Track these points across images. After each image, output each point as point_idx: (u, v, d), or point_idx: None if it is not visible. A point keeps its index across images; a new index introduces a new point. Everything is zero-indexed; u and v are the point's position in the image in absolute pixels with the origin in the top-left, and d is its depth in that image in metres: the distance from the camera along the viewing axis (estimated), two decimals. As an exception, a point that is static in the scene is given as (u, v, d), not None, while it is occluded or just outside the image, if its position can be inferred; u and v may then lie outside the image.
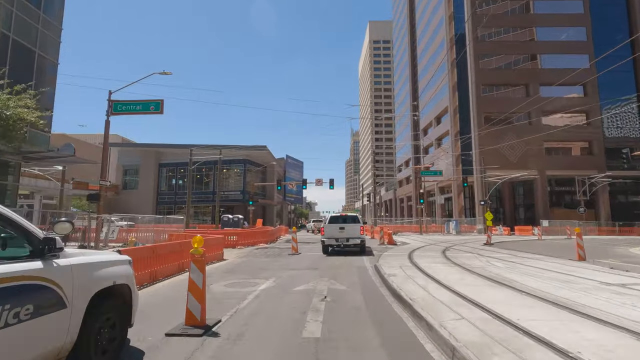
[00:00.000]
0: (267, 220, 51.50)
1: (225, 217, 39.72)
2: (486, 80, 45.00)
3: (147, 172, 49.69)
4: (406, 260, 12.69)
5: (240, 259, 14.04)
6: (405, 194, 79.31)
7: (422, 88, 67.13)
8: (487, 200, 37.18)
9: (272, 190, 52.59)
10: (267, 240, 22.85)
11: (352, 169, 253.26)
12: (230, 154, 46.50)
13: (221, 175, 47.85)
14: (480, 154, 42.40)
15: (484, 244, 21.17)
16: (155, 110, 16.17)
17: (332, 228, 15.11)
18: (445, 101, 52.78)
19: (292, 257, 14.30)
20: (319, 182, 38.99)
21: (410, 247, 18.69)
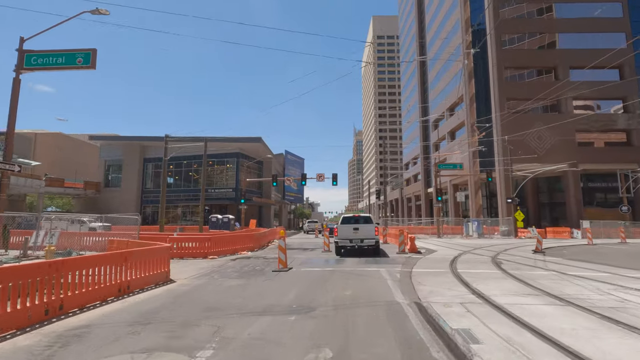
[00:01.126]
0: (263, 221, 46.66)
1: (213, 217, 34.98)
2: (509, 62, 39.92)
3: (131, 168, 44.99)
4: (460, 286, 7.73)
5: (195, 280, 9.14)
6: (413, 192, 74.24)
7: (432, 78, 62.15)
8: (514, 198, 32.15)
9: (269, 188, 47.74)
10: (253, 246, 17.98)
11: (355, 169, 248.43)
12: (222, 147, 41.71)
13: (212, 171, 43.08)
14: (504, 145, 37.33)
15: (533, 251, 16.17)
16: (84, 65, 11.36)
17: (346, 229, 14.67)
18: (460, 90, 47.74)
19: (276, 278, 9.39)
20: (321, 178, 34.11)
21: (442, 257, 13.75)
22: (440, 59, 56.57)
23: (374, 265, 11.69)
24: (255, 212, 46.59)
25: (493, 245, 20.39)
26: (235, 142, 40.69)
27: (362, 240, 14.50)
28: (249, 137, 39.88)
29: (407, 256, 14.40)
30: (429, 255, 14.89)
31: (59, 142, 56.70)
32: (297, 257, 14.85)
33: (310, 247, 19.68)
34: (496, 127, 38.36)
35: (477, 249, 18.12)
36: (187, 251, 14.44)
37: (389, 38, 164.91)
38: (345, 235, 14.68)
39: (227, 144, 41.19)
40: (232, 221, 35.06)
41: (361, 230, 14.60)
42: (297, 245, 21.21)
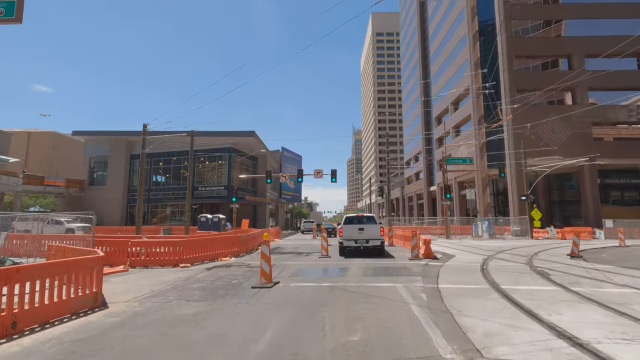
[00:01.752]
0: (258, 220, 44.01)
1: (202, 217, 32.29)
2: (520, 51, 37.35)
3: (117, 165, 42.24)
4: (524, 318, 5.08)
5: (138, 305, 6.48)
6: (414, 191, 71.73)
7: (434, 72, 59.59)
8: (529, 195, 29.57)
9: (264, 186, 45.06)
10: (239, 250, 15.33)
11: (354, 169, 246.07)
12: (213, 142, 39.03)
13: (203, 167, 40.42)
14: (515, 138, 34.78)
15: (570, 256, 13.57)
16: (7, 17, 8.69)
17: (351, 229, 14.37)
18: (466, 82, 45.19)
19: (253, 301, 6.75)
20: (319, 174, 31.49)
21: (467, 265, 11.16)
22: (444, 51, 54.03)
23: (385, 277, 9.06)
24: (249, 211, 43.94)
25: (515, 248, 17.79)
26: (227, 136, 38.01)
27: (368, 240, 14.15)
28: (242, 130, 37.27)
29: (423, 263, 11.78)
30: (449, 261, 12.28)
31: (53, 141, 54.13)
32: (289, 264, 12.22)
33: (305, 251, 17.05)
34: (506, 121, 35.76)
35: (499, 252, 15.52)
36: (155, 258, 11.79)
37: (388, 35, 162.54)
38: (350, 236, 14.29)
39: (218, 138, 38.51)
40: (222, 221, 32.39)
41: (366, 231, 14.24)
42: (291, 249, 18.59)
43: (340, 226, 15.35)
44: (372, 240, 14.17)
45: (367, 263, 12.02)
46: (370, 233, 14.22)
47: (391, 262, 12.23)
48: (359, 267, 11.04)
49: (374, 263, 11.91)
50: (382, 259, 12.82)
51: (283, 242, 25.07)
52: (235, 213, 32.43)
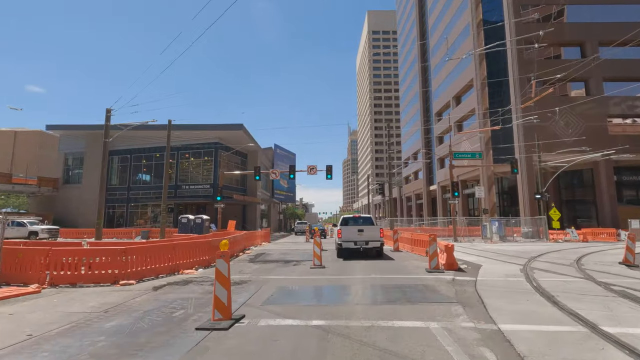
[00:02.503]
0: (248, 221, 40.91)
1: (184, 218, 29.22)
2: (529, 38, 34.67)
3: (94, 162, 38.89)
4: None
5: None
6: (413, 191, 69.06)
7: (434, 65, 56.95)
8: (544, 193, 26.87)
9: (254, 185, 41.99)
10: (210, 259, 12.27)
11: (349, 169, 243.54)
12: (197, 136, 35.91)
13: (187, 164, 37.26)
14: (526, 132, 32.12)
15: (627, 266, 10.73)
16: None
17: (351, 230, 14.06)
18: (469, 74, 42.57)
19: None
20: (312, 170, 28.54)
21: (510, 280, 8.20)
22: (444, 43, 51.41)
23: (407, 305, 6.10)
24: (238, 211, 40.83)
25: (545, 254, 14.93)
26: (213, 129, 34.87)
27: (367, 242, 13.94)
28: (229, 124, 34.11)
29: (448, 279, 8.82)
30: (480, 274, 9.34)
31: (41, 140, 50.62)
32: (270, 279, 9.22)
33: (294, 259, 14.04)
34: (515, 111, 33.12)
35: (532, 260, 12.65)
36: (90, 273, 8.71)
37: (384, 34, 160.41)
38: (350, 237, 14.04)
39: (203, 132, 35.37)
40: (206, 222, 29.31)
41: (366, 232, 14.06)
42: (278, 255, 15.57)
43: (338, 227, 14.85)
44: (372, 242, 13.93)
45: (374, 279, 9.05)
46: (370, 234, 13.99)
47: (406, 277, 9.27)
48: (364, 286, 8.06)
49: (384, 279, 8.95)
50: (394, 274, 9.87)
51: (271, 246, 22.05)
52: (220, 213, 29.32)
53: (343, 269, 11.04)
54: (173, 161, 37.05)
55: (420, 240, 14.88)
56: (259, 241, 22.86)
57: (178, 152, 36.91)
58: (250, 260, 13.55)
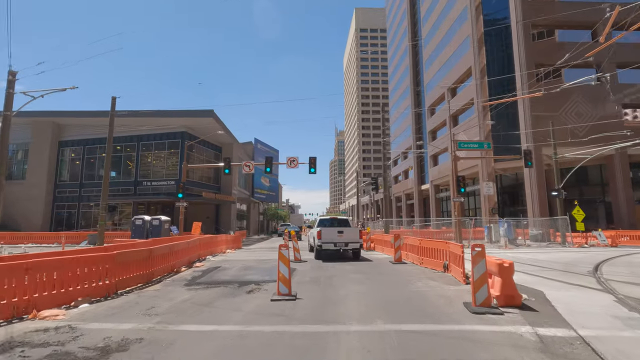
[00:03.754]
0: (222, 223, 36.17)
1: (138, 219, 24.46)
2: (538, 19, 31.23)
3: (40, 155, 33.51)
4: None
5: None
6: (403, 190, 65.43)
7: (427, 56, 53.42)
8: (560, 190, 23.23)
9: (229, 182, 37.31)
10: (107, 287, 7.72)
11: (336, 170, 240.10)
12: (161, 125, 31.06)
13: (148, 157, 32.32)
14: (534, 122, 28.56)
15: None
16: None
17: (330, 232, 14.08)
18: (466, 62, 39.02)
19: None
20: (293, 163, 24.19)
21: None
22: (439, 32, 47.91)
23: None
24: (210, 212, 36.09)
25: (603, 263, 10.93)
26: (178, 116, 30.03)
27: (347, 244, 13.88)
28: (197, 110, 29.37)
29: (526, 336, 4.57)
30: (578, 322, 5.15)
31: None
32: (184, 334, 4.79)
33: (255, 279, 9.58)
34: (523, 101, 29.53)
35: (590, 274, 8.59)
36: None
37: (372, 32, 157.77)
38: (330, 239, 13.87)
39: (167, 120, 30.55)
40: (165, 224, 24.59)
41: (346, 234, 13.98)
42: (236, 272, 11.08)
43: (317, 229, 14.49)
44: (352, 244, 13.95)
45: (384, 335, 4.72)
46: (350, 236, 13.97)
47: (442, 329, 4.97)
48: None
49: (404, 337, 4.63)
50: (416, 319, 5.58)
51: (238, 254, 17.53)
52: (182, 214, 24.60)
53: (325, 303, 6.71)
54: (133, 153, 32.08)
55: (434, 250, 10.72)
56: (222, 248, 18.31)
57: (139, 142, 31.95)
58: (188, 283, 9.07)
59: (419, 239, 11.86)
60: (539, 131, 28.20)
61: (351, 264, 12.42)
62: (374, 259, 14.18)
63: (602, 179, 32.50)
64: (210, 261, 13.98)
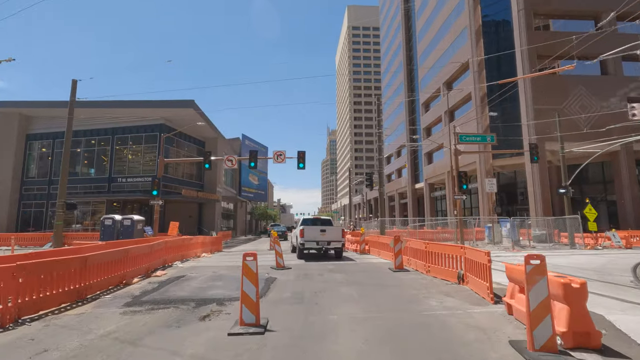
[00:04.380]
0: (205, 223, 33.86)
1: (107, 219, 22.17)
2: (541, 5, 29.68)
3: (5, 148, 30.77)
4: None
5: None
6: (396, 189, 63.78)
7: (422, 50, 51.79)
8: (568, 187, 21.58)
9: (213, 179, 35.04)
10: (14, 309, 5.58)
11: (328, 170, 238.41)
12: (137, 116, 28.67)
13: (124, 151, 29.92)
14: (536, 116, 26.94)
15: None
16: None
17: (313, 230, 14.07)
18: (464, 55, 37.40)
19: None
20: (280, 158, 22.08)
21: None
22: (434, 24, 46.26)
23: None
24: (193, 211, 33.78)
25: None
26: (155, 107, 27.63)
27: (329, 242, 13.89)
28: (176, 100, 27.02)
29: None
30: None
31: None
32: None
33: (219, 297, 7.37)
34: (525, 92, 27.90)
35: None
36: None
37: (364, 29, 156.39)
38: (312, 237, 13.89)
39: (144, 111, 28.16)
40: (138, 224, 22.33)
41: (328, 233, 13.97)
42: (199, 284, 8.90)
43: (300, 227, 14.45)
44: (334, 242, 13.93)
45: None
46: (333, 235, 13.94)
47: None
48: None
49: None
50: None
51: (212, 259, 15.36)
52: (157, 212, 22.31)
53: (307, 337, 4.69)
54: (107, 147, 29.59)
55: (444, 256, 8.79)
56: (198, 251, 16.12)
57: (114, 136, 29.47)
58: (131, 302, 6.93)
59: (424, 243, 9.89)
60: (542, 125, 26.58)
61: (343, 273, 10.41)
62: (370, 265, 12.21)
63: (604, 177, 31.14)
64: (177, 268, 11.81)
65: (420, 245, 10.14)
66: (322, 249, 14.00)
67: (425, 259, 9.75)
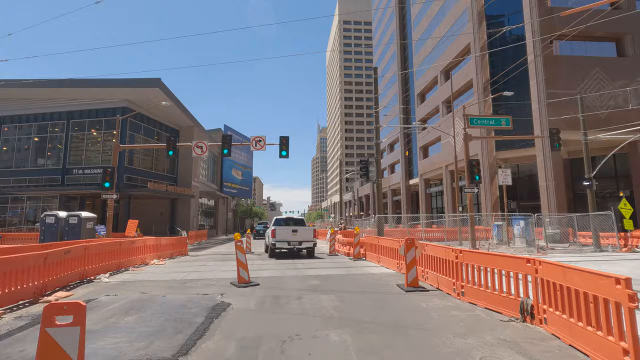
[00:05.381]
0: (178, 221, 30.18)
1: (49, 217, 18.60)
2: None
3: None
4: None
5: None
6: (389, 186, 60.83)
7: (417, 37, 48.77)
8: (592, 180, 18.70)
9: (188, 172, 31.37)
10: None
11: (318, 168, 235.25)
12: (95, 97, 24.82)
13: (80, 138, 26.07)
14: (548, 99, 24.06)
15: None
16: None
17: (284, 230, 14.16)
18: (464, 38, 34.44)
19: None
20: (259, 144, 18.64)
21: None
22: (431, 8, 43.24)
23: None
24: (165, 207, 30.09)
25: None
26: (114, 86, 23.74)
27: (301, 242, 13.93)
28: (139, 78, 23.20)
29: None
30: None
31: None
32: None
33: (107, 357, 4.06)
34: (537, 74, 24.98)
35: None
36: None
37: (356, 24, 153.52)
38: (284, 237, 13.97)
39: (102, 92, 24.31)
40: (88, 222, 18.70)
41: (300, 233, 14.00)
42: (112, 314, 5.57)
43: (272, 227, 14.43)
44: (305, 242, 13.94)
45: None
46: (304, 235, 13.96)
47: None
48: None
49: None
50: None
51: (159, 270, 11.81)
52: (111, 209, 18.66)
53: None
54: (62, 134, 25.66)
55: (492, 272, 5.54)
56: (146, 257, 12.59)
57: (69, 121, 25.56)
58: None
59: (456, 250, 6.61)
60: (555, 113, 23.71)
61: (332, 293, 7.10)
62: (370, 278, 8.93)
63: (616, 171, 28.56)
64: (97, 286, 8.32)
65: (447, 254, 6.87)
66: (293, 249, 13.99)
67: (456, 274, 6.49)
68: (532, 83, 25.06)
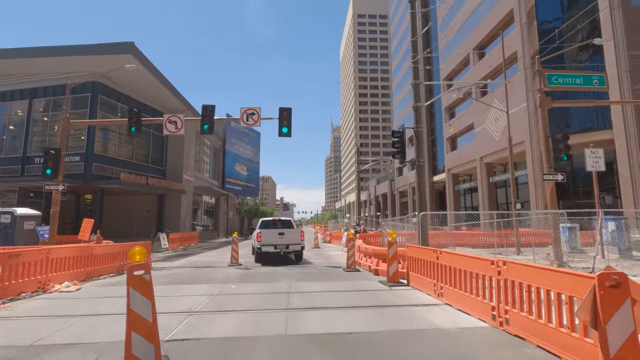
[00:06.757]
0: (168, 220, 25.65)
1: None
2: None
3: None
4: None
5: None
6: (409, 183, 55.20)
7: (442, 18, 43.25)
8: None
9: (179, 164, 26.86)
10: None
11: (332, 167, 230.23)
12: (59, 70, 20.45)
13: (46, 119, 21.78)
14: (631, 67, 18.39)
15: None
16: None
17: (271, 234, 13.44)
18: (505, 5, 28.98)
19: None
20: (252, 118, 13.86)
21: None
22: (461, -22, 37.69)
23: None
24: (152, 204, 25.65)
25: None
26: (80, 53, 19.28)
27: (288, 246, 13.23)
28: (108, 43, 18.69)
29: None
30: None
31: None
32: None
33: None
34: (614, 29, 19.29)
35: None
36: None
37: (370, 17, 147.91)
38: (270, 241, 13.20)
39: (66, 64, 19.87)
40: (26, 222, 14.19)
41: (287, 236, 13.32)
42: None
43: (257, 231, 13.51)
44: (292, 246, 13.34)
45: None
46: (291, 238, 13.34)
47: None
48: None
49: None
50: None
51: (53, 305, 7.02)
52: (57, 204, 14.07)
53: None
54: (22, 114, 21.45)
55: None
56: (50, 278, 7.85)
57: (31, 99, 21.32)
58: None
59: None
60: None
61: None
62: (439, 338, 3.83)
63: None
64: None
65: None
66: (280, 252, 13.34)
67: None
68: (607, 44, 19.35)
